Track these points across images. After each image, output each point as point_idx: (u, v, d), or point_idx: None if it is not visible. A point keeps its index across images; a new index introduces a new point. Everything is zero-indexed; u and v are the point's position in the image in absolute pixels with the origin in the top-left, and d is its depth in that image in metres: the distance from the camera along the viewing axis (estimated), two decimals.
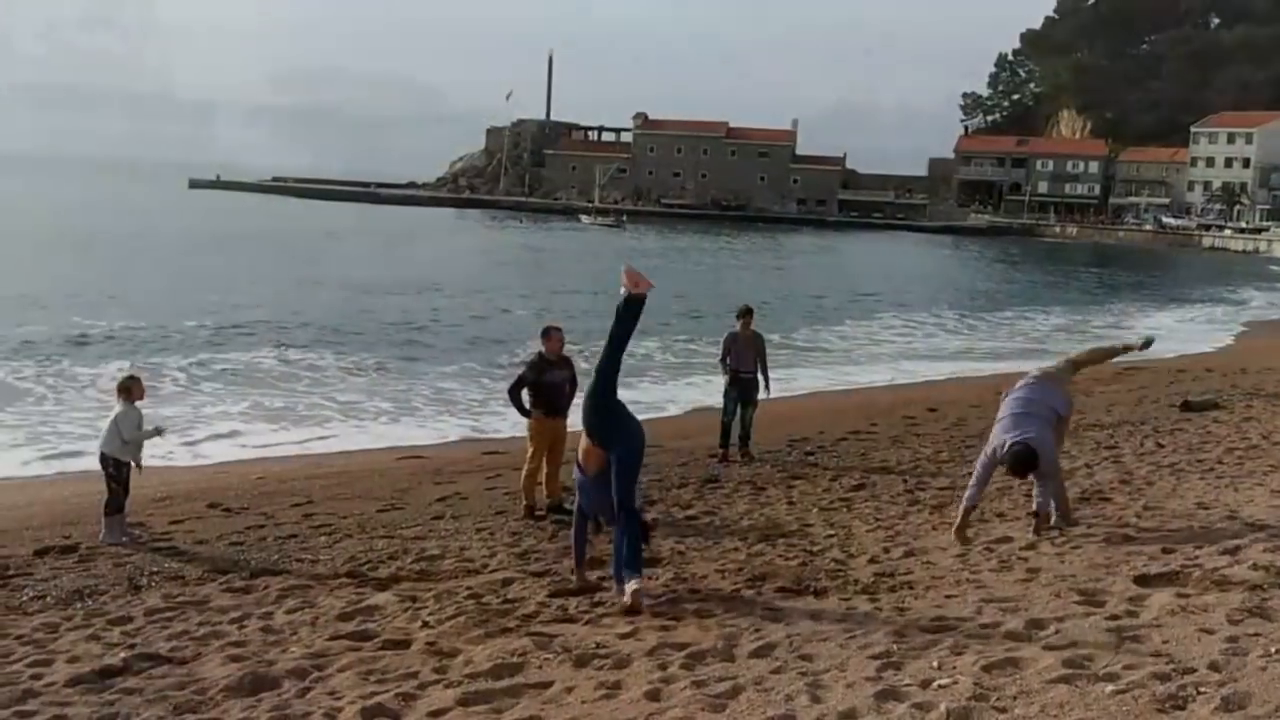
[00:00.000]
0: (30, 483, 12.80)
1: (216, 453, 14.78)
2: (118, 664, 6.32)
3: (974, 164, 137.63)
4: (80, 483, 12.64)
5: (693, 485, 11.88)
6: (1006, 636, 5.95)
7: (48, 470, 13.56)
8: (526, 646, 6.38)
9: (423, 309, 34.03)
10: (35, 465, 13.82)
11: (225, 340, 25.37)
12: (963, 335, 33.48)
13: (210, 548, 9.35)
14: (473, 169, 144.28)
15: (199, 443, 15.32)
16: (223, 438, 15.68)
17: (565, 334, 10.90)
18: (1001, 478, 11.82)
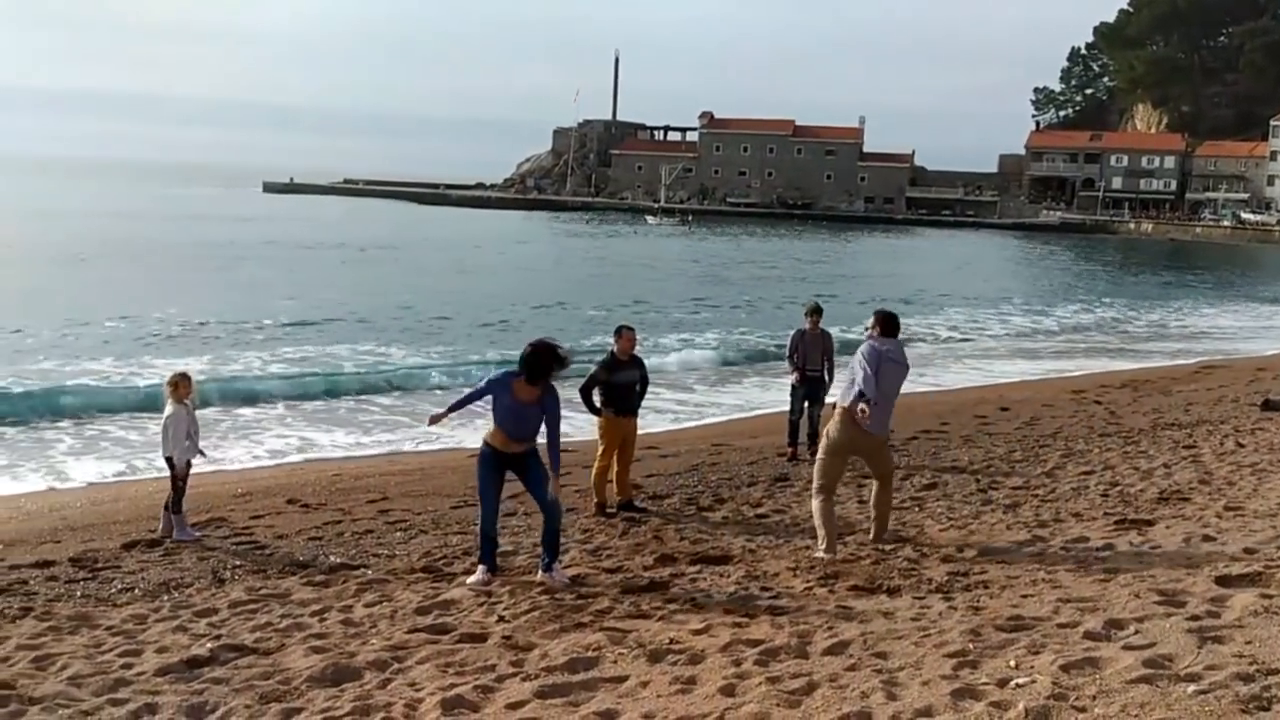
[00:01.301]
0: (116, 480, 13.12)
1: (294, 450, 15.04)
2: (205, 654, 6.49)
3: (1046, 160, 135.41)
4: (164, 480, 12.97)
5: (762, 483, 11.89)
6: (1085, 636, 5.90)
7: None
8: (601, 641, 6.45)
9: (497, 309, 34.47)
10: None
11: (300, 335, 25.82)
12: (1034, 333, 32.99)
13: (290, 542, 9.55)
14: (540, 170, 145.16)
15: (276, 440, 15.61)
16: (300, 435, 15.96)
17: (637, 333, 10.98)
18: (1077, 477, 11.73)
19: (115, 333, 25.59)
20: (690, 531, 9.68)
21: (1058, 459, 12.95)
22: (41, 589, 8.07)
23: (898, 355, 9.09)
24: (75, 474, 13.35)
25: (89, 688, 6.00)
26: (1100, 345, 30.86)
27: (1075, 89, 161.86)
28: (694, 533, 9.63)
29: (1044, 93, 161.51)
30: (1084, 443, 14.09)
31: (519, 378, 7.91)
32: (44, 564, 8.79)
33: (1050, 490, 11.16)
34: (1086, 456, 13.09)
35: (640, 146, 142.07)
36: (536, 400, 7.95)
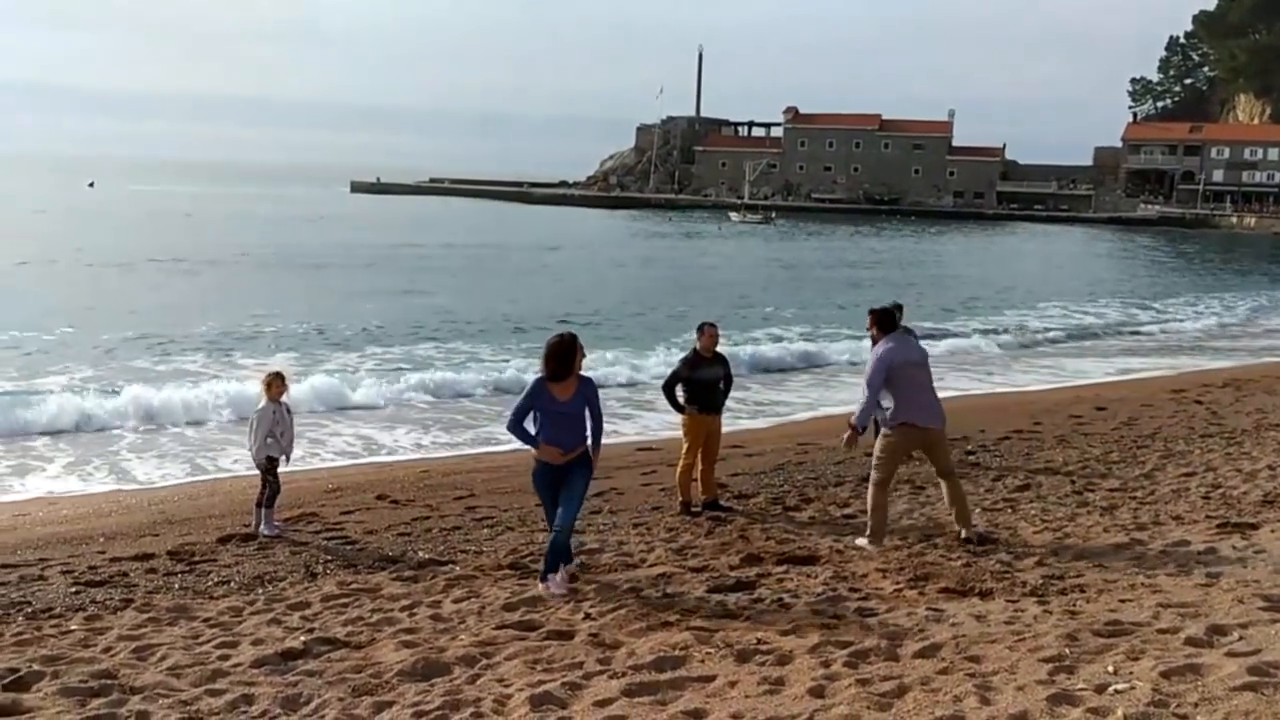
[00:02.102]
0: (211, 477, 13.43)
1: (386, 445, 15.26)
2: (299, 647, 6.61)
3: (1143, 152, 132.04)
4: (255, 476, 13.25)
5: (849, 483, 11.76)
6: (1186, 642, 5.73)
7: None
8: (688, 640, 6.43)
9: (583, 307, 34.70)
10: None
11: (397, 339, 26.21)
12: (1132, 332, 32.16)
13: (379, 538, 9.68)
14: (623, 167, 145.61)
15: (371, 436, 15.87)
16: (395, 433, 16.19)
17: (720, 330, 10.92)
18: (1177, 479, 11.40)
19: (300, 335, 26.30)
20: (776, 531, 9.61)
21: (1157, 460, 12.61)
22: (141, 581, 8.29)
23: (911, 354, 9.06)
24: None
25: (187, 678, 6.15)
26: (1201, 344, 29.98)
27: (1174, 79, 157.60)
28: (780, 532, 9.55)
29: (1141, 84, 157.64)
30: (1184, 443, 13.70)
31: (548, 380, 7.77)
32: (143, 557, 9.03)
33: (1149, 492, 10.87)
34: (1187, 457, 12.73)
35: (724, 143, 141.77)
36: (574, 394, 7.77)
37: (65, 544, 9.64)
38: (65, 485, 12.71)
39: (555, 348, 7.74)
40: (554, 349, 7.74)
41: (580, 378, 7.85)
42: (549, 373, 7.74)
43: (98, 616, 7.34)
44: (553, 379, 7.73)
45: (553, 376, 7.73)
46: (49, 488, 12.55)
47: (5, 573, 8.51)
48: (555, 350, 7.73)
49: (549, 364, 7.74)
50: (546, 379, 7.76)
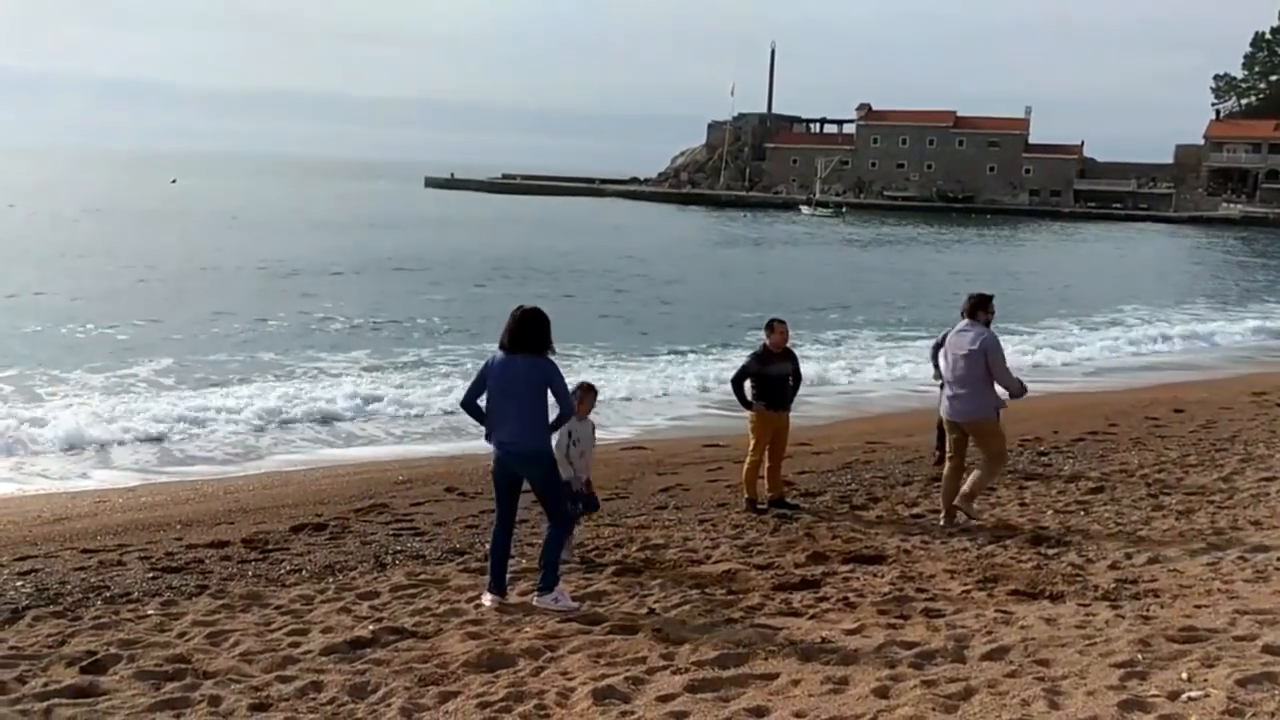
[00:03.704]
0: (285, 468, 13.67)
1: (451, 438, 15.42)
2: (367, 636, 6.70)
3: (1226, 150, 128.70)
4: (330, 466, 13.48)
5: (918, 483, 11.64)
6: (1264, 650, 5.58)
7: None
8: (752, 638, 6.41)
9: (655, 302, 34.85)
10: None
11: None
12: (1213, 334, 31.36)
13: (448, 529, 9.78)
14: (694, 164, 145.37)
15: (439, 430, 16.05)
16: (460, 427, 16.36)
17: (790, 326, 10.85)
18: (1257, 483, 11.12)
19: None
20: (843, 530, 9.54)
21: (1236, 464, 12.31)
22: (216, 568, 8.46)
23: (958, 340, 9.73)
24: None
25: (259, 664, 6.27)
26: None
27: (1259, 75, 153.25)
28: (847, 531, 9.48)
29: (1225, 80, 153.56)
30: (1265, 447, 13.35)
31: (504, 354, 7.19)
32: (219, 544, 9.21)
33: (1227, 496, 10.61)
34: (1268, 462, 12.40)
35: (795, 139, 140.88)
36: (531, 378, 7.11)
37: (143, 530, 9.87)
38: (142, 475, 13.03)
39: (518, 319, 7.22)
40: (518, 320, 7.22)
41: (545, 359, 7.24)
42: (505, 340, 7.25)
43: (173, 602, 7.51)
44: (510, 349, 7.22)
45: (510, 345, 7.21)
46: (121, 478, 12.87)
47: (85, 558, 8.74)
48: (518, 321, 7.21)
49: (509, 332, 7.21)
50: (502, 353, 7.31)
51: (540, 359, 7.17)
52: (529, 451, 7.31)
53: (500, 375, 7.27)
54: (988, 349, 9.51)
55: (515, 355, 7.20)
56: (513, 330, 7.21)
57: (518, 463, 7.39)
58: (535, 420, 7.23)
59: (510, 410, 7.25)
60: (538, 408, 7.21)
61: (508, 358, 7.24)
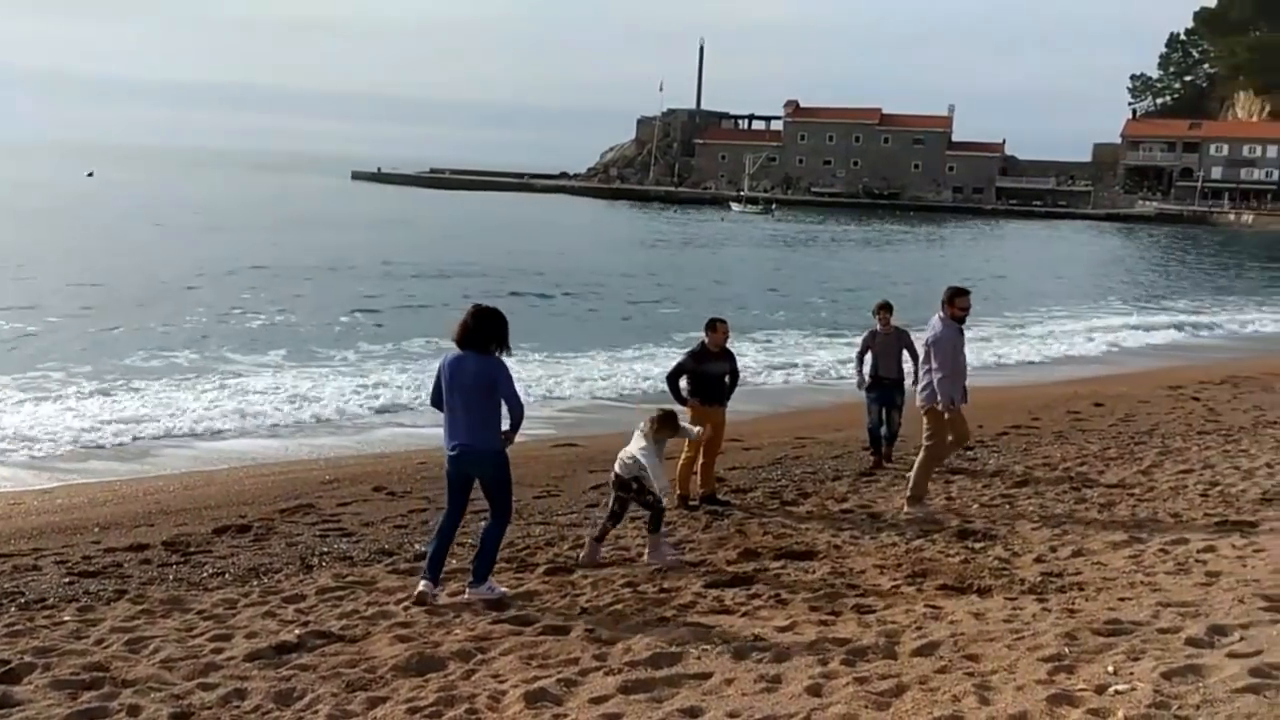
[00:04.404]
0: (204, 467, 13.38)
1: (384, 438, 15.20)
2: (293, 640, 6.55)
3: (1142, 149, 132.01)
4: (254, 466, 13.21)
5: (847, 478, 11.73)
6: (1187, 642, 5.68)
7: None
8: (685, 636, 6.38)
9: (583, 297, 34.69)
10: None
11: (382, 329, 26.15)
12: (1128, 328, 32.09)
13: (376, 530, 9.63)
14: (623, 159, 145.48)
15: (365, 429, 15.82)
16: (390, 424, 16.14)
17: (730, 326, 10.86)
18: (1175, 476, 11.37)
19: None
20: (774, 526, 9.57)
21: (1154, 457, 12.58)
22: (136, 572, 8.23)
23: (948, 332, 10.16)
24: None
25: (180, 671, 6.10)
26: (1199, 341, 29.97)
27: (1174, 76, 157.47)
28: (778, 527, 9.51)
29: (1141, 80, 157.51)
30: (1182, 440, 13.67)
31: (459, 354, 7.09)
32: (138, 547, 8.97)
33: (1147, 489, 10.83)
34: (1185, 454, 12.69)
35: (724, 135, 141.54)
36: (479, 378, 7.03)
37: (59, 533, 9.59)
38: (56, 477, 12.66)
39: (474, 318, 7.14)
40: (473, 319, 7.15)
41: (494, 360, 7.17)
42: (459, 337, 7.16)
43: (91, 608, 7.29)
44: (461, 345, 7.16)
45: (462, 342, 7.15)
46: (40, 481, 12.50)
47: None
48: (474, 319, 7.13)
49: (463, 329, 7.13)
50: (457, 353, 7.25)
51: (490, 358, 7.10)
52: (477, 451, 7.25)
53: (451, 374, 7.23)
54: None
55: (467, 354, 7.13)
56: (466, 328, 7.14)
57: (467, 462, 7.32)
58: (484, 420, 7.15)
59: (459, 409, 7.20)
60: (486, 407, 7.13)
61: (459, 356, 7.20)
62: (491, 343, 7.10)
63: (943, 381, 9.92)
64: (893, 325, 12.35)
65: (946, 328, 10.07)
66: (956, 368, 10.05)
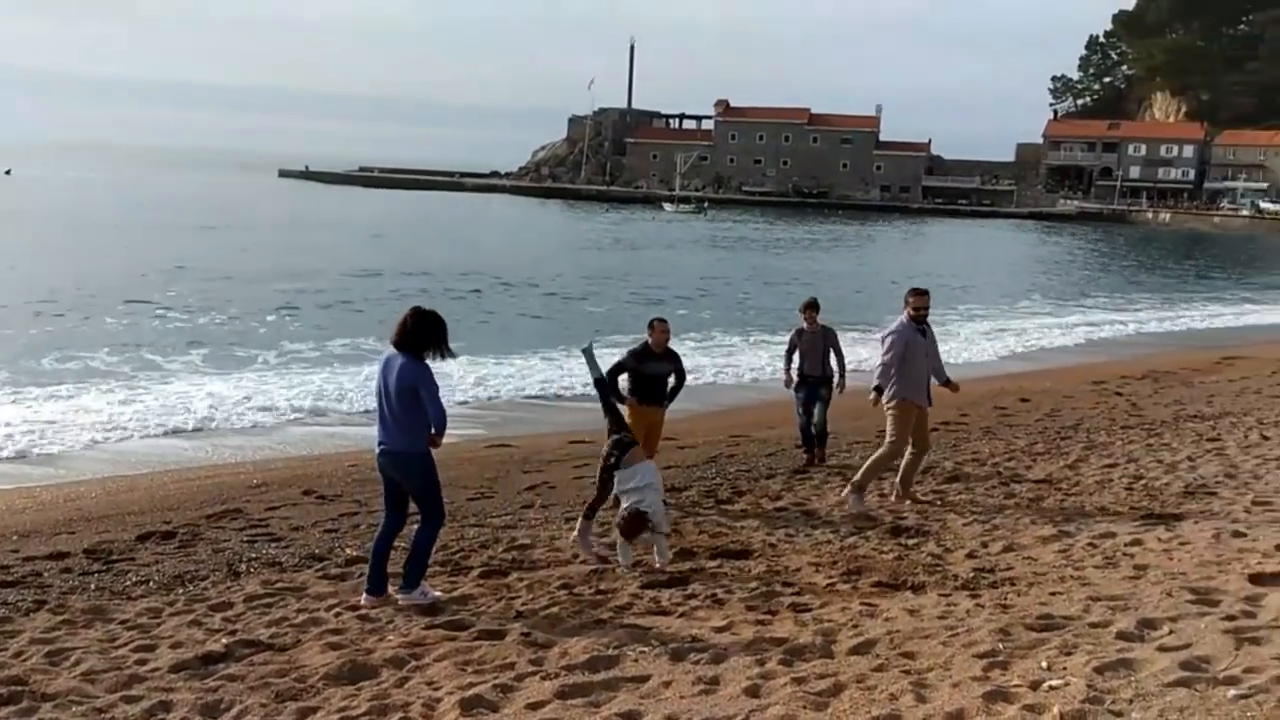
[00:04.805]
0: (130, 471, 13.06)
1: (309, 438, 14.97)
2: (220, 650, 6.40)
3: (1063, 149, 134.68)
4: (179, 470, 12.92)
5: (781, 475, 11.76)
6: (1118, 636, 5.76)
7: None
8: (622, 639, 6.33)
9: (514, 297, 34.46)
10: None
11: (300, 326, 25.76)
12: (1050, 324, 32.70)
13: (305, 534, 9.45)
14: (555, 158, 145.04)
15: (285, 426, 15.55)
16: (317, 425, 15.89)
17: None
18: (1100, 470, 11.57)
19: None
20: (709, 525, 9.56)
21: (1080, 451, 12.79)
22: (56, 581, 7.98)
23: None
24: None
25: (103, 684, 5.92)
26: (1120, 337, 30.60)
27: (1093, 77, 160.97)
28: (713, 526, 9.50)
29: (1062, 81, 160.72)
30: (1106, 435, 13.92)
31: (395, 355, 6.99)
32: (58, 555, 8.71)
33: (1074, 484, 11.00)
34: (1109, 449, 12.92)
35: (655, 135, 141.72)
36: (403, 380, 6.92)
37: None
38: None
39: (414, 320, 7.01)
40: (412, 320, 7.02)
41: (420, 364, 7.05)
42: (396, 339, 7.05)
43: (8, 619, 7.05)
44: (398, 346, 7.04)
45: (399, 344, 7.03)
46: None
47: None
48: (413, 321, 7.01)
49: (400, 331, 7.01)
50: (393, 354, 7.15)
51: (416, 361, 7.00)
52: (397, 453, 7.13)
53: (382, 375, 7.16)
54: None
55: (397, 355, 7.05)
56: (401, 330, 7.06)
57: (389, 464, 7.20)
58: (407, 422, 7.04)
59: (385, 411, 7.12)
60: (408, 409, 7.01)
61: (390, 357, 7.13)
62: (427, 347, 7.01)
63: (893, 377, 10.10)
64: (819, 324, 12.37)
65: (903, 326, 10.26)
66: (912, 366, 10.19)
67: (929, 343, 10.46)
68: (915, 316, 10.28)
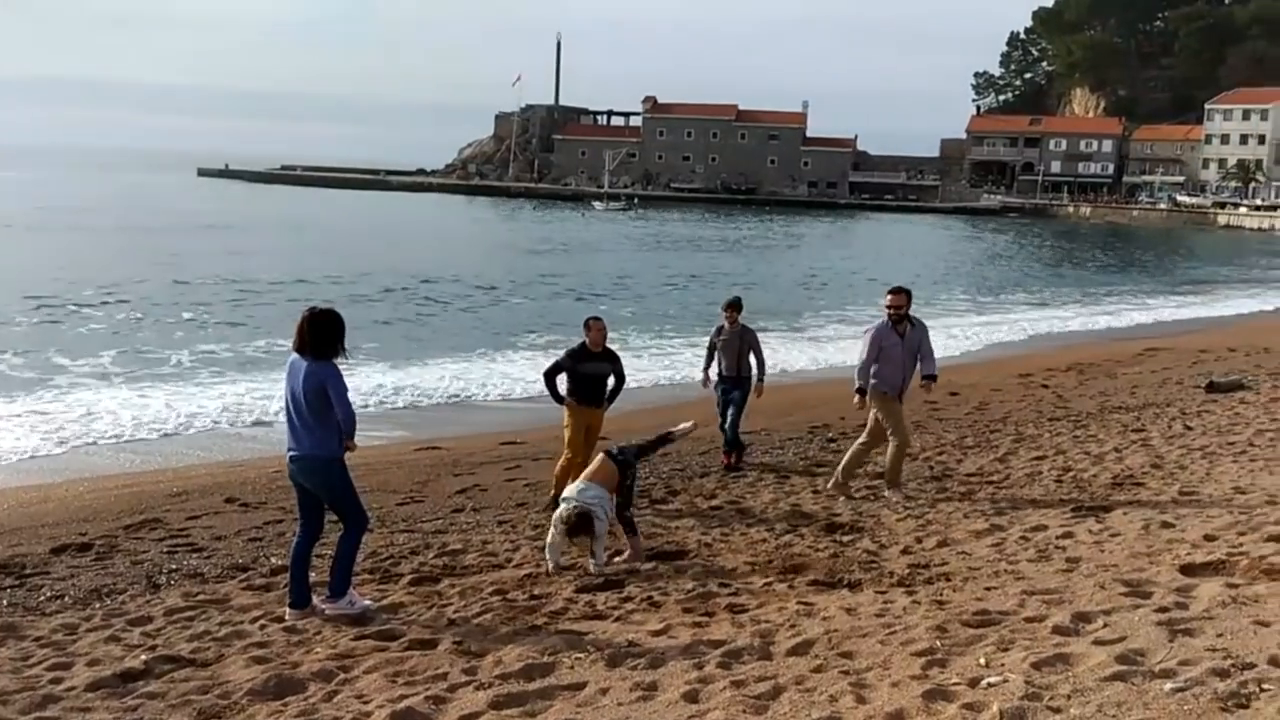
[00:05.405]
0: (43, 480, 12.63)
1: (235, 446, 14.62)
2: (139, 667, 6.16)
3: (986, 144, 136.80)
4: (95, 479, 12.53)
5: (715, 474, 11.72)
6: (1054, 631, 5.75)
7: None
8: (557, 645, 6.20)
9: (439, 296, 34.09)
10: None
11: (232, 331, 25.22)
12: (977, 318, 33.14)
13: (228, 544, 9.19)
14: (482, 155, 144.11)
15: (216, 434, 15.18)
16: (240, 431, 15.54)
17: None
18: (1030, 463, 11.68)
19: None
20: (644, 525, 9.43)
21: (1009, 444, 12.91)
22: None
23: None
24: None
25: (15, 705, 5.66)
26: (1043, 329, 31.07)
27: (1015, 74, 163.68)
28: (648, 526, 9.39)
29: (984, 77, 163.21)
30: (1034, 427, 14.08)
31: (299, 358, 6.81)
32: None
33: (1004, 477, 11.09)
34: (1038, 441, 13.07)
35: (583, 131, 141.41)
36: (309, 383, 6.72)
37: None
38: None
39: (309, 321, 6.82)
40: (308, 322, 6.82)
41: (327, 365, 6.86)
42: (296, 340, 6.86)
43: None
44: (297, 348, 6.85)
45: (298, 345, 6.84)
46: None
47: None
48: (309, 323, 6.80)
49: (300, 333, 6.80)
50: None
51: (323, 363, 6.79)
52: (309, 458, 6.93)
53: (289, 380, 6.96)
54: None
55: (302, 359, 6.82)
56: (300, 332, 6.82)
57: (299, 471, 6.99)
58: (315, 426, 6.84)
59: (294, 416, 6.92)
60: (317, 413, 6.81)
61: (294, 362, 6.90)
62: (328, 347, 6.82)
63: (871, 370, 10.34)
64: (739, 323, 12.12)
65: (877, 325, 10.48)
66: (886, 365, 10.30)
67: (910, 341, 10.43)
68: (890, 315, 10.35)
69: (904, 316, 10.39)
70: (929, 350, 10.72)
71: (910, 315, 10.53)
